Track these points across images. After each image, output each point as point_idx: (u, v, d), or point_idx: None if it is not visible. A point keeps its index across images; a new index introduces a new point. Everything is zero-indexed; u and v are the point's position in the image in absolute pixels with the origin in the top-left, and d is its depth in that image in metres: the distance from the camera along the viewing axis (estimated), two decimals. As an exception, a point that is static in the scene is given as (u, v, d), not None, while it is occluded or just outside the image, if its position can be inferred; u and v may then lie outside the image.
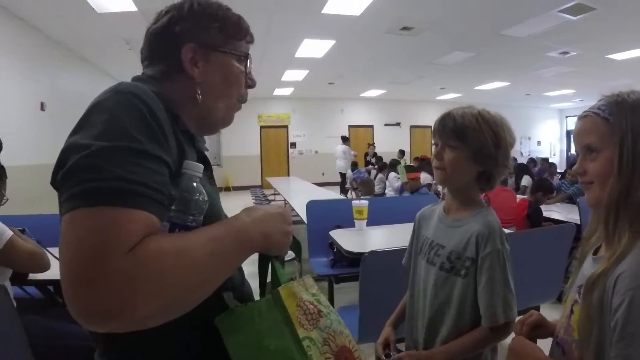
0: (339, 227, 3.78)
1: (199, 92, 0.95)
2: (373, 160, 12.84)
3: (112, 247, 0.63)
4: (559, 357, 1.11)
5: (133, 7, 5.98)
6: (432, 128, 1.48)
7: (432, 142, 1.49)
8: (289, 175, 15.92)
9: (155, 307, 0.66)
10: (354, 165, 12.28)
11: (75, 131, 0.74)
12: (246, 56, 1.03)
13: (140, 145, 0.72)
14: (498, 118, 1.39)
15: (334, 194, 7.15)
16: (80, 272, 0.62)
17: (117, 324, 0.64)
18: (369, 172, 11.26)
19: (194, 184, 0.80)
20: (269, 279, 0.97)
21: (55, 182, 0.72)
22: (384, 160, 10.96)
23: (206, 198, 0.81)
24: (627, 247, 0.93)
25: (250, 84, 1.06)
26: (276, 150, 16.79)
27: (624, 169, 0.96)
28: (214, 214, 0.87)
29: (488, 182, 1.40)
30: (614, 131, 0.99)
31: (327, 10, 6.42)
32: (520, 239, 2.73)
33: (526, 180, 7.78)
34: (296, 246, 1.01)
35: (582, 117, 1.07)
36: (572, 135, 1.14)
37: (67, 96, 7.94)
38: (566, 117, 20.67)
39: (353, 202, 3.84)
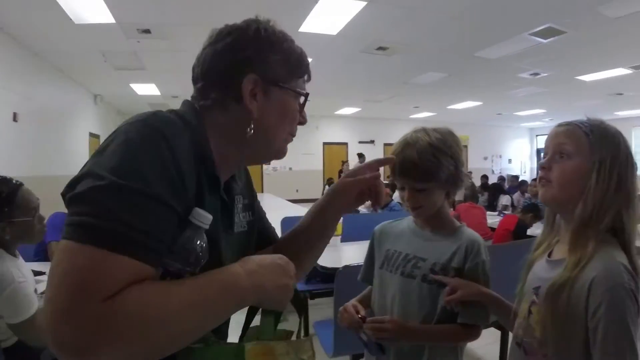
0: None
1: (252, 127, 0.89)
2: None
3: (92, 291, 0.61)
4: (521, 357, 1.17)
5: (111, 20, 5.90)
6: (393, 170, 1.44)
7: (398, 185, 1.49)
8: (262, 191, 15.76)
9: (122, 356, 0.64)
10: (329, 182, 12.29)
11: (99, 152, 0.71)
12: (306, 95, 0.99)
13: (153, 189, 0.69)
14: (444, 140, 1.40)
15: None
16: (59, 306, 0.60)
17: None
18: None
19: (197, 236, 0.75)
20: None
21: (65, 195, 0.70)
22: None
23: (206, 251, 0.76)
24: (592, 253, 1.02)
25: (302, 121, 1.02)
26: (250, 166, 16.52)
27: (600, 187, 1.05)
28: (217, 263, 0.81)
29: (455, 191, 1.49)
30: (592, 149, 1.07)
31: (304, 29, 6.42)
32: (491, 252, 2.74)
33: (506, 200, 7.93)
34: (300, 305, 0.90)
35: (564, 125, 1.15)
36: (547, 137, 1.19)
37: (42, 108, 7.69)
38: (536, 135, 21.17)
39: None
